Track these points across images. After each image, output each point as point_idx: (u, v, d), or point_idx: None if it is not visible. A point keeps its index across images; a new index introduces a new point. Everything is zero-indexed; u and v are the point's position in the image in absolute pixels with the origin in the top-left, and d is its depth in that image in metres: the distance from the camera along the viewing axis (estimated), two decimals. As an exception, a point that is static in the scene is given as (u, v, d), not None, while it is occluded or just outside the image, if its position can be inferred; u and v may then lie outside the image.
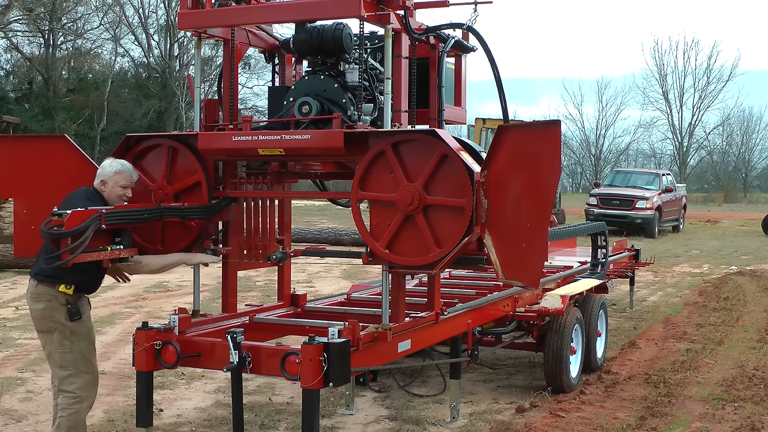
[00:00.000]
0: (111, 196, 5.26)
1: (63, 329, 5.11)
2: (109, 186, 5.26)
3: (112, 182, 5.26)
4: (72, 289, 5.07)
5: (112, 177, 5.26)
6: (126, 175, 5.31)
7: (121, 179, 5.29)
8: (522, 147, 4.92)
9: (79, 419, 5.16)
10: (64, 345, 5.14)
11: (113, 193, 5.27)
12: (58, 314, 5.09)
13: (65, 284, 5.04)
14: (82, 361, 5.18)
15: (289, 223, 6.40)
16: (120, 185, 5.28)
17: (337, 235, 20.72)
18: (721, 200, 53.03)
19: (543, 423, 6.41)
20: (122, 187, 5.30)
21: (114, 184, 5.27)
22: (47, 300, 5.09)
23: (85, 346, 5.21)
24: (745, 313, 11.68)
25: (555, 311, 7.32)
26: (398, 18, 5.41)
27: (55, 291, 5.06)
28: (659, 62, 62.92)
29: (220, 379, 7.55)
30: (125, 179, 5.31)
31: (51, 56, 44.11)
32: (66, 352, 5.14)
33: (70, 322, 5.11)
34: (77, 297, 5.15)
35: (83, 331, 5.20)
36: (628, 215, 25.22)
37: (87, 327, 5.26)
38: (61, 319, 5.10)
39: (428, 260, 5.14)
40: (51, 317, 5.11)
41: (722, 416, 6.67)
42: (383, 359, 5.47)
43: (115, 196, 5.28)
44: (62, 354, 5.16)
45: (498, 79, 6.04)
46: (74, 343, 5.15)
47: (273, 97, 5.88)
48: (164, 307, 11.44)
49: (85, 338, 5.22)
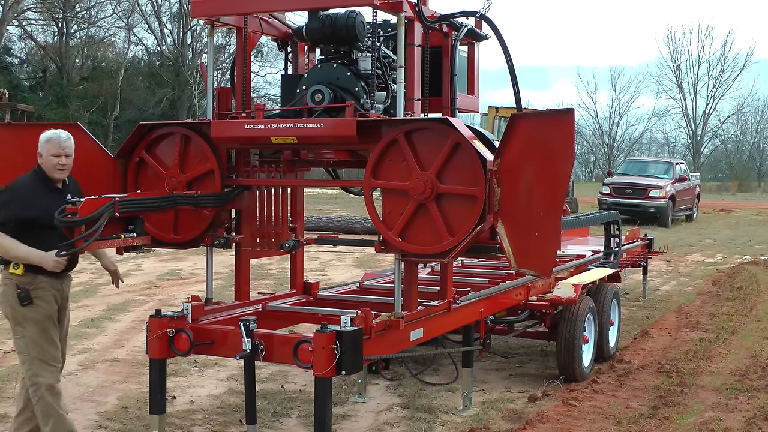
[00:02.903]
0: (47, 167, 5.06)
1: (14, 314, 4.98)
2: (44, 157, 5.06)
3: (44, 152, 5.06)
4: (21, 269, 4.91)
5: (43, 146, 5.06)
6: (55, 143, 5.04)
7: (52, 147, 5.04)
8: (535, 135, 4.90)
9: (46, 404, 4.99)
10: (16, 331, 5.03)
11: (48, 164, 5.06)
12: (10, 298, 4.97)
13: (13, 264, 4.91)
14: (33, 346, 4.99)
15: (302, 211, 6.40)
16: (51, 153, 5.03)
17: (350, 224, 20.71)
18: (735, 189, 52.74)
19: (555, 412, 6.41)
20: (54, 156, 5.03)
21: (46, 153, 5.05)
22: (3, 285, 4.99)
23: (37, 332, 5.00)
24: (758, 303, 11.64)
25: (568, 300, 7.31)
26: (411, 6, 5.40)
27: (7, 273, 4.95)
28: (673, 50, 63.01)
29: (233, 366, 7.58)
30: (55, 147, 5.04)
31: (65, 44, 44.22)
32: (18, 338, 5.02)
33: (20, 307, 4.96)
34: (31, 278, 4.96)
35: (35, 317, 5.00)
36: (641, 204, 25.11)
37: (42, 312, 5.03)
38: (12, 303, 4.97)
39: (441, 249, 5.13)
40: (6, 302, 5.00)
41: (735, 406, 6.66)
42: (396, 347, 5.48)
43: (50, 166, 5.06)
44: (15, 340, 5.08)
45: (511, 67, 6.02)
46: (26, 329, 4.99)
47: (286, 85, 5.87)
48: (177, 294, 11.48)
49: (37, 324, 5.01)
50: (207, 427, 6.10)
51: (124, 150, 5.89)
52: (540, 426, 6.10)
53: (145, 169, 5.89)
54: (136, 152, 5.89)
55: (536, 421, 6.18)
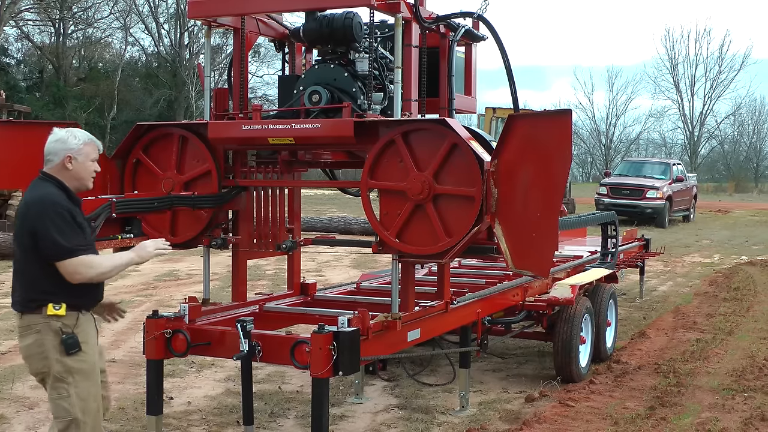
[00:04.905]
0: (83, 174, 4.15)
1: (58, 368, 3.96)
2: (80, 161, 4.13)
3: (82, 156, 4.14)
4: (63, 308, 3.94)
5: (82, 150, 4.14)
6: (95, 147, 4.24)
7: (92, 152, 4.21)
8: (532, 136, 4.90)
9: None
10: (59, 390, 3.97)
11: (86, 171, 4.16)
12: (48, 348, 3.94)
13: (53, 303, 3.93)
14: (85, 408, 4.02)
15: (299, 212, 6.41)
16: (92, 159, 4.20)
17: (347, 224, 20.72)
18: (732, 190, 52.82)
19: (552, 412, 6.41)
20: (93, 161, 4.21)
21: (85, 158, 4.15)
22: (36, 332, 3.96)
23: (88, 388, 4.03)
24: (755, 304, 11.65)
25: (565, 301, 7.31)
26: (408, 7, 5.40)
27: (42, 317, 3.93)
28: (670, 51, 62.74)
29: (230, 367, 7.57)
30: (95, 151, 4.23)
31: (61, 45, 44.21)
32: (61, 398, 3.97)
33: (65, 357, 3.95)
34: (74, 318, 4.01)
35: (85, 368, 4.03)
36: (638, 205, 25.14)
37: (92, 361, 4.08)
38: (52, 354, 3.94)
39: (438, 249, 5.14)
40: (41, 353, 3.95)
41: (732, 406, 6.66)
42: (393, 348, 5.48)
43: (87, 172, 4.18)
44: (57, 402, 3.99)
45: (508, 68, 6.02)
46: (72, 385, 3.98)
47: (283, 86, 5.87)
48: (174, 295, 11.47)
49: (88, 377, 4.03)
50: (204, 428, 6.10)
51: (121, 151, 5.89)
52: (537, 426, 6.10)
53: (142, 170, 5.89)
54: (133, 153, 5.89)
55: (533, 421, 6.18)
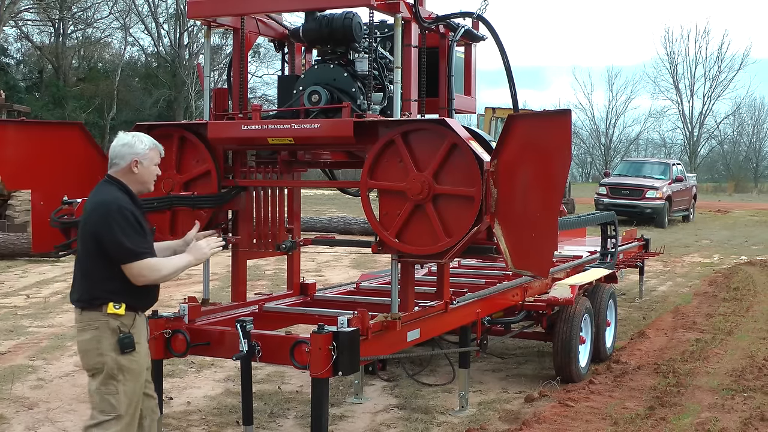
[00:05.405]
0: (146, 178, 4.30)
1: (111, 365, 4.10)
2: (145, 165, 4.27)
3: (148, 160, 4.28)
4: (122, 307, 4.07)
5: (147, 154, 4.27)
6: (159, 151, 4.37)
7: (156, 156, 4.35)
8: (532, 136, 4.91)
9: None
10: (108, 386, 4.12)
11: (150, 175, 4.31)
12: (104, 346, 4.09)
13: (114, 302, 4.07)
14: (129, 406, 4.17)
15: (299, 212, 6.41)
16: (156, 163, 4.35)
17: (347, 224, 20.72)
18: (732, 190, 52.81)
19: (552, 412, 6.41)
20: (156, 165, 4.36)
21: (150, 162, 4.29)
22: (94, 328, 4.11)
23: (135, 388, 4.19)
24: (755, 304, 11.65)
25: (564, 301, 7.31)
26: (408, 7, 5.40)
27: (102, 315, 4.08)
28: (670, 51, 62.63)
29: (230, 367, 7.57)
30: (158, 156, 4.37)
31: (61, 45, 44.21)
32: (109, 394, 4.11)
33: (119, 356, 4.10)
34: (131, 319, 4.15)
35: (135, 368, 4.18)
36: (637, 205, 25.13)
37: (143, 362, 4.25)
38: (107, 351, 4.09)
39: (437, 249, 5.14)
40: (97, 350, 4.10)
41: (732, 406, 6.66)
42: (392, 348, 5.48)
43: (151, 177, 4.32)
44: (103, 398, 4.13)
45: (508, 68, 6.02)
46: (121, 383, 4.12)
47: (282, 86, 5.88)
48: (174, 295, 11.46)
49: (137, 378, 4.19)
50: (204, 428, 6.10)
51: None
52: (537, 427, 6.10)
53: (141, 170, 5.88)
54: (132, 153, 5.87)
55: (533, 421, 6.18)
